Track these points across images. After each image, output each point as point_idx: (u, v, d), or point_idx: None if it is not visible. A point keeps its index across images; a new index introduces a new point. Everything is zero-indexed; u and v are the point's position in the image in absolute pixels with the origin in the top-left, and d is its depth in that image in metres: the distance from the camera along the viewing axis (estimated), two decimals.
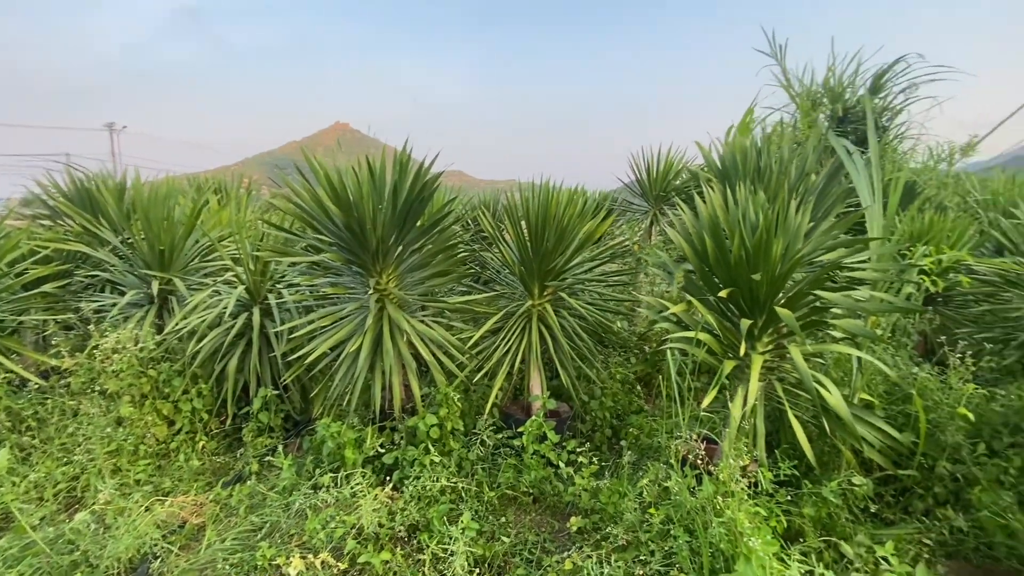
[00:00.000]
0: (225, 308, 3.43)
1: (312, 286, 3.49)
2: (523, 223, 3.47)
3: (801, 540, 2.30)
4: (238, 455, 3.54)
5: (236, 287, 3.74)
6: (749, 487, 2.29)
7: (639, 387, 3.97)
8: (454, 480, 2.85)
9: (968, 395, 2.62)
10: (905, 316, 3.19)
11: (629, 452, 2.79)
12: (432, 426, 3.00)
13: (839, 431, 2.37)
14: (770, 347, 2.61)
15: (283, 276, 3.97)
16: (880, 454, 2.45)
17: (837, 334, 2.66)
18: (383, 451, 3.03)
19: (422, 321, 3.18)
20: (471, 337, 3.25)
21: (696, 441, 2.28)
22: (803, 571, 1.81)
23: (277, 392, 3.62)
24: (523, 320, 3.56)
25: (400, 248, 3.11)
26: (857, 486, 2.34)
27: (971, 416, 2.54)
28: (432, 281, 3.37)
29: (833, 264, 2.40)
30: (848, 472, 2.44)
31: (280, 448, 3.13)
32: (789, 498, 2.34)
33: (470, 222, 5.28)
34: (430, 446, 2.96)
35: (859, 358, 2.54)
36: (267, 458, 3.33)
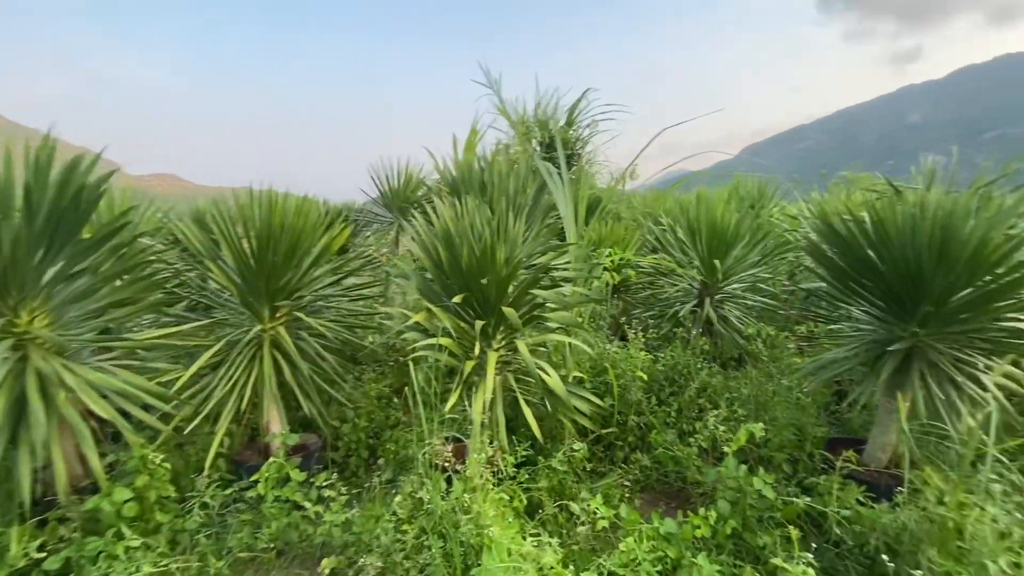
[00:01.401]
0: None
1: None
2: (245, 236, 3.01)
3: (541, 510, 2.59)
4: None
5: None
6: (495, 475, 2.46)
7: (396, 400, 3.91)
8: (165, 563, 2.25)
9: (642, 361, 3.39)
10: (599, 304, 3.99)
11: (379, 472, 2.69)
12: (125, 502, 2.31)
13: (560, 407, 2.75)
14: (503, 343, 2.87)
15: None
16: (590, 420, 2.94)
17: (553, 324, 3.10)
18: (44, 554, 2.19)
19: (99, 368, 2.43)
20: (179, 378, 2.64)
21: (444, 444, 2.33)
22: (534, 544, 2.01)
23: None
24: (252, 348, 3.08)
25: (53, 272, 2.30)
26: (576, 451, 2.76)
27: (645, 376, 3.30)
28: (113, 313, 2.61)
29: (544, 266, 2.78)
30: (570, 441, 2.86)
31: None
32: (528, 476, 2.60)
33: (180, 236, 4.34)
34: (124, 529, 2.27)
35: (570, 343, 3.02)
36: None
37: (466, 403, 2.45)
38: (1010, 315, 2.56)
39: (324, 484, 2.70)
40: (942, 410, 2.45)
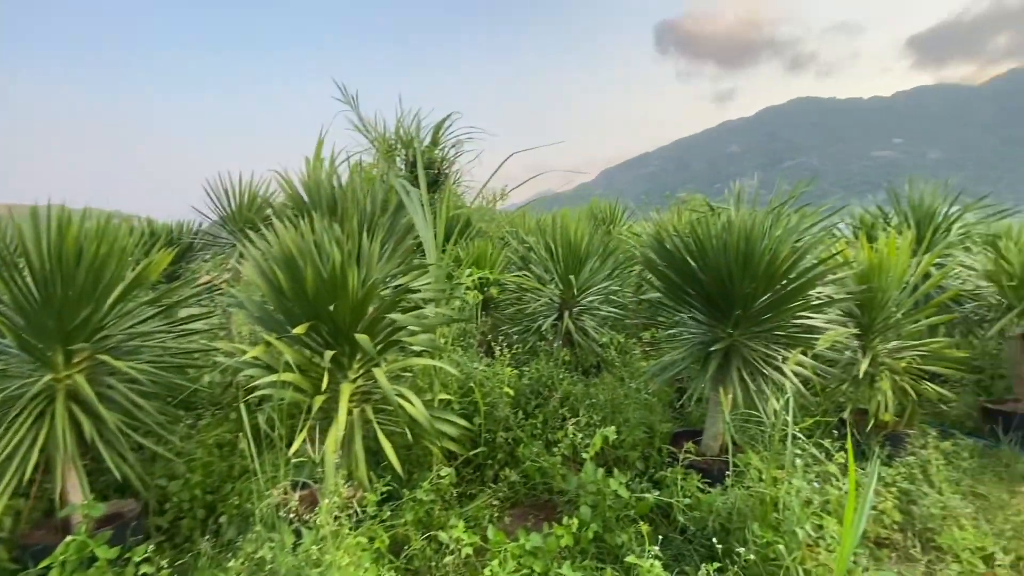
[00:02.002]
0: None
1: None
2: (27, 266, 2.44)
3: (407, 546, 2.44)
4: None
5: None
6: (354, 516, 2.27)
7: (245, 445, 3.45)
8: None
9: (508, 376, 3.44)
10: (468, 322, 3.99)
11: (216, 534, 2.33)
12: None
13: (424, 434, 2.65)
14: (361, 372, 2.69)
15: None
16: (457, 443, 2.88)
17: (417, 348, 3.00)
18: None
19: None
20: None
21: (291, 491, 2.09)
22: None
23: None
24: (40, 403, 2.50)
25: None
26: (443, 478, 2.68)
27: (511, 392, 3.35)
28: None
29: (402, 288, 2.68)
30: (438, 467, 2.77)
31: None
32: (392, 511, 2.45)
33: None
34: None
35: (436, 366, 2.94)
36: None
37: (320, 443, 2.23)
38: (801, 314, 3.09)
39: (143, 558, 2.25)
40: (755, 398, 2.84)
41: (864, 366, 3.31)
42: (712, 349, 2.85)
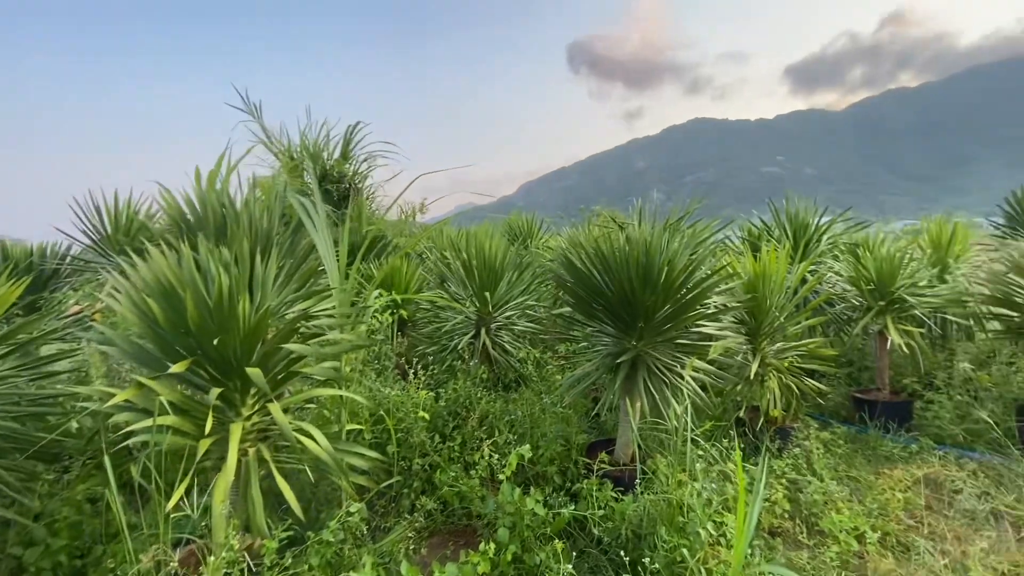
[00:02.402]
0: None
1: None
2: None
3: None
4: None
5: None
6: (252, 569, 2.07)
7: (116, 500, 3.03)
8: None
9: (423, 399, 3.35)
10: (378, 346, 3.84)
11: None
12: None
13: (329, 470, 2.48)
14: (257, 409, 2.48)
15: None
16: (369, 476, 2.74)
17: (322, 377, 2.82)
18: None
19: None
20: None
21: (169, 551, 1.86)
22: None
23: None
24: None
25: None
26: (353, 514, 2.52)
27: (427, 416, 3.26)
28: None
29: (301, 315, 2.52)
30: (347, 504, 2.61)
31: None
32: (293, 558, 2.26)
33: None
34: None
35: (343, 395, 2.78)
36: None
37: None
38: (699, 323, 3.30)
39: None
40: (660, 405, 2.99)
41: (755, 368, 3.61)
42: (619, 361, 2.96)
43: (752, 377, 3.60)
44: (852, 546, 2.60)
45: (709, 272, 3.23)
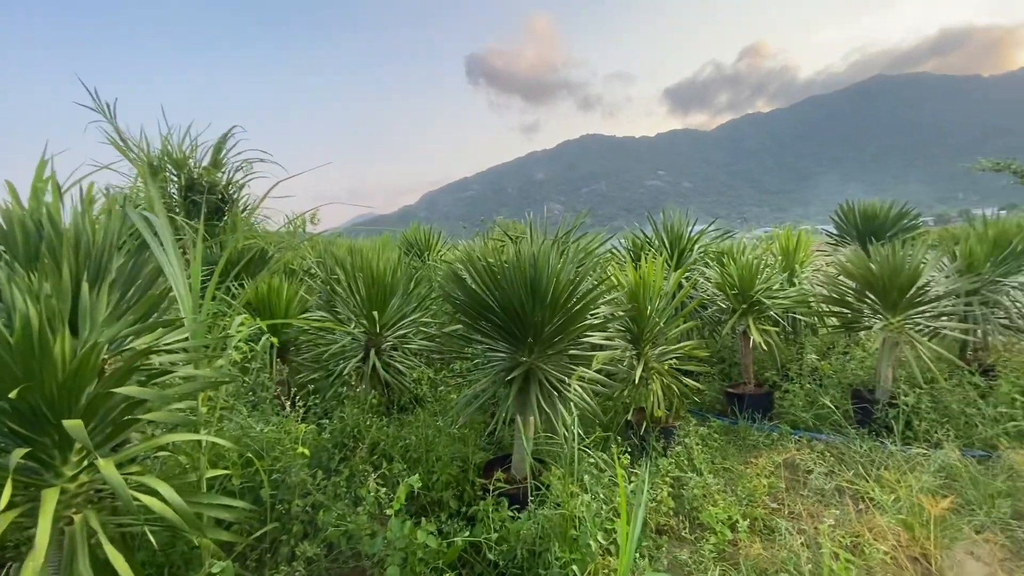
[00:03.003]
0: None
1: None
2: None
3: None
4: None
5: None
6: None
7: None
8: None
9: (303, 433, 3.05)
10: (259, 374, 3.45)
11: None
12: None
13: (182, 529, 2.14)
14: (84, 467, 2.07)
15: None
16: (234, 528, 2.42)
17: (173, 421, 2.45)
18: None
19: None
20: None
21: None
22: None
23: None
24: None
25: None
26: (217, 575, 2.20)
27: (307, 451, 2.97)
28: None
29: (143, 351, 2.15)
30: (209, 564, 2.27)
31: None
32: None
33: None
34: None
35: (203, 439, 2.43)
36: None
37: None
38: (587, 333, 3.39)
39: None
40: (553, 418, 3.01)
41: (639, 372, 3.80)
42: (509, 378, 2.93)
43: (637, 381, 3.79)
44: (727, 536, 2.80)
45: (596, 283, 3.34)
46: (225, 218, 6.52)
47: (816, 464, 3.55)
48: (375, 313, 3.85)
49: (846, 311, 4.71)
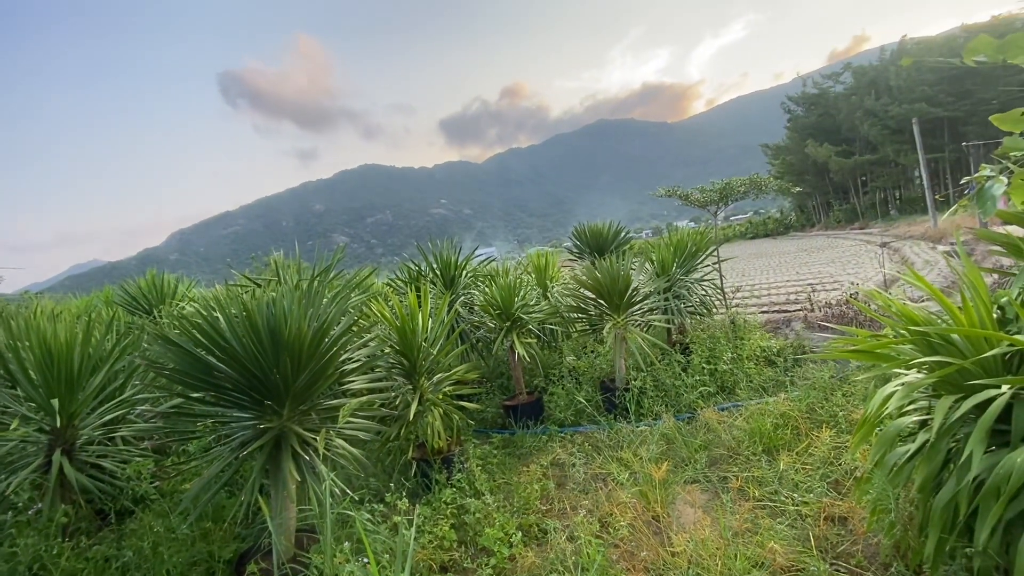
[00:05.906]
0: None
1: None
2: None
3: None
4: None
5: None
6: None
7: None
8: None
9: None
10: None
11: None
12: None
13: None
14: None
15: None
16: None
17: None
18: None
19: None
20: None
21: None
22: None
23: None
24: None
25: None
26: None
27: None
28: None
29: None
30: None
31: None
32: None
33: None
34: None
35: None
36: None
37: None
38: (347, 381, 3.15)
39: None
40: (309, 479, 2.68)
41: (414, 407, 3.71)
42: (250, 448, 2.51)
43: (412, 417, 3.69)
44: (504, 553, 2.87)
45: (349, 324, 3.13)
46: None
47: (576, 458, 3.98)
48: (55, 402, 2.90)
49: (587, 315, 5.49)
